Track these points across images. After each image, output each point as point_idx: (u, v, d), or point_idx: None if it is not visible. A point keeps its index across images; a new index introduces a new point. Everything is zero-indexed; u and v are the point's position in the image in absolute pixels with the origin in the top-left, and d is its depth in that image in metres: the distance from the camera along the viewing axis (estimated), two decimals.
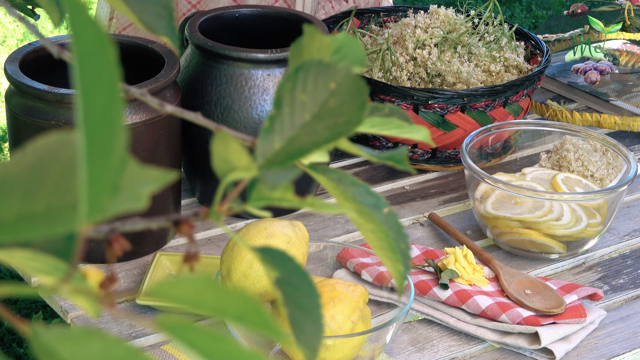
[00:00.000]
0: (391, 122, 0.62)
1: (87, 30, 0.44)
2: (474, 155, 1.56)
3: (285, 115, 0.56)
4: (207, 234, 1.50)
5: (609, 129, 1.82)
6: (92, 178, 0.44)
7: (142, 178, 0.49)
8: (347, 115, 0.55)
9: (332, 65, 0.56)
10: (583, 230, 1.44)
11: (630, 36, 2.12)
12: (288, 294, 0.54)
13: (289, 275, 0.55)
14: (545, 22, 2.18)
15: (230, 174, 0.55)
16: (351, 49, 0.63)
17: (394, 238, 0.60)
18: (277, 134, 0.55)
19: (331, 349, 1.17)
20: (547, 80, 1.98)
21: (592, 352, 1.30)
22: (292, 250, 1.24)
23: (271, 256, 0.55)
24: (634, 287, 1.43)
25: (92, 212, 0.45)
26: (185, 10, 1.83)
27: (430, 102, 1.61)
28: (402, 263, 0.60)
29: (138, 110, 1.35)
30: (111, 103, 0.44)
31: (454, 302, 1.33)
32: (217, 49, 1.47)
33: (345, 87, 0.56)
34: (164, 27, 0.58)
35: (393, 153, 0.60)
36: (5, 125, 3.11)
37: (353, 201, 0.59)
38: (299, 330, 0.53)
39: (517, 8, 4.93)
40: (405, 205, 1.60)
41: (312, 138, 0.55)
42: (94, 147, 0.44)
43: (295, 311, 0.54)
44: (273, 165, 0.54)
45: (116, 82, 0.44)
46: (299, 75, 0.56)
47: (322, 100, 0.56)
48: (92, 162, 0.44)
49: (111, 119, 0.44)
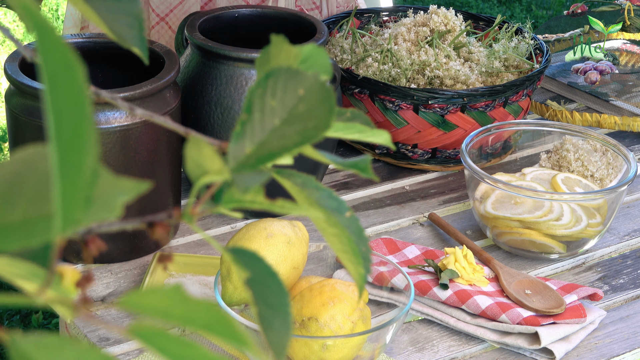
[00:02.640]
0: (353, 127, 0.64)
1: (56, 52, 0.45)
2: (474, 155, 1.56)
3: (255, 120, 0.57)
4: (207, 234, 1.50)
5: (609, 129, 1.82)
6: (65, 191, 0.46)
7: (116, 188, 0.51)
8: (316, 120, 0.57)
9: (301, 72, 0.58)
10: (583, 230, 1.44)
11: (630, 36, 2.12)
12: (258, 293, 0.56)
13: (260, 275, 0.56)
14: (545, 22, 2.18)
15: (203, 177, 0.56)
16: (318, 60, 0.65)
17: (356, 242, 0.61)
18: (248, 138, 0.57)
19: (331, 349, 1.17)
20: (547, 80, 1.98)
21: (592, 352, 1.30)
22: (291, 250, 1.24)
23: (242, 257, 0.57)
24: (634, 287, 1.43)
25: (66, 224, 0.46)
26: (154, 23, 1.84)
27: (430, 102, 1.61)
28: (363, 266, 0.62)
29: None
30: (81, 120, 0.46)
31: (454, 302, 1.33)
32: (216, 49, 1.47)
33: (313, 93, 0.58)
34: (134, 38, 0.60)
35: (357, 161, 0.62)
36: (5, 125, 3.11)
37: (317, 205, 0.61)
38: (268, 327, 0.55)
39: (517, 8, 4.93)
40: (405, 205, 1.60)
41: (281, 142, 0.57)
42: (66, 162, 0.45)
43: (265, 309, 0.56)
44: (244, 168, 0.56)
45: (85, 100, 0.46)
46: (269, 81, 0.58)
47: (291, 106, 0.58)
48: (65, 177, 0.45)
49: (81, 134, 0.46)
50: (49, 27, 0.45)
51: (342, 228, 0.61)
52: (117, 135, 1.34)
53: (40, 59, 0.46)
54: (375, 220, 1.56)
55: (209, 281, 1.37)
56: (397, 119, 1.63)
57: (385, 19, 1.89)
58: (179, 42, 1.62)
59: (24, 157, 0.51)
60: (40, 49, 0.46)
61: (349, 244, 0.61)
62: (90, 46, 1.50)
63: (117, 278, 1.39)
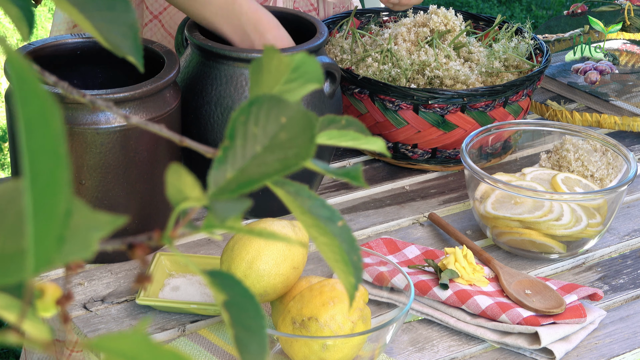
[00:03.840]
0: (347, 134, 0.65)
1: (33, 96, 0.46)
2: (474, 155, 1.56)
3: (237, 147, 0.58)
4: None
5: (609, 129, 1.82)
6: (37, 232, 0.47)
7: (92, 224, 0.52)
8: (297, 148, 0.58)
9: (284, 100, 0.59)
10: (583, 230, 1.44)
11: (630, 36, 2.12)
12: (235, 316, 0.57)
13: (237, 298, 0.57)
14: (545, 22, 2.18)
15: (183, 203, 0.58)
16: (308, 68, 0.65)
17: (347, 251, 0.62)
18: (230, 164, 0.58)
19: (331, 349, 1.17)
20: (547, 80, 1.98)
21: (592, 352, 1.30)
22: (291, 250, 1.24)
23: (220, 279, 0.58)
24: (634, 287, 1.43)
25: (38, 265, 0.47)
26: (147, 20, 1.84)
27: (430, 102, 1.61)
28: (353, 275, 0.62)
29: (138, 111, 1.35)
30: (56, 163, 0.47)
31: (454, 302, 1.33)
32: (217, 49, 1.47)
33: (295, 121, 0.58)
34: (129, 47, 0.61)
35: (349, 169, 0.62)
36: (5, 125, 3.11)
37: (309, 214, 0.62)
38: (244, 350, 0.56)
39: (517, 8, 4.93)
40: (405, 205, 1.60)
41: (262, 169, 0.58)
42: (39, 203, 0.46)
43: (241, 332, 0.57)
44: (224, 194, 0.57)
45: (61, 142, 0.46)
46: (252, 108, 0.58)
47: (273, 133, 0.58)
48: (38, 218, 0.46)
49: (56, 177, 0.47)
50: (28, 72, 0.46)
51: (333, 237, 0.62)
52: (117, 135, 1.34)
53: (18, 102, 0.46)
54: (375, 220, 1.56)
55: None
56: (397, 119, 1.63)
57: (385, 19, 1.89)
58: (179, 42, 1.62)
59: (3, 190, 0.51)
60: (18, 93, 0.46)
61: (339, 253, 0.62)
62: (90, 46, 1.50)
63: (117, 278, 1.39)
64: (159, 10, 1.83)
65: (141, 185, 1.37)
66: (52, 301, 0.54)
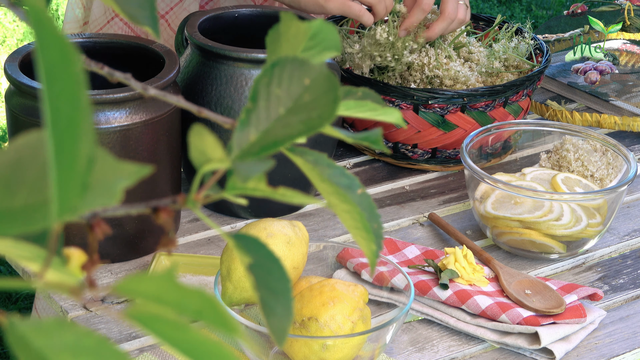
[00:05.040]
0: (365, 105, 0.65)
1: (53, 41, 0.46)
2: (474, 155, 1.56)
3: (261, 109, 0.58)
4: (207, 234, 1.50)
5: (609, 129, 1.82)
6: (60, 179, 0.46)
7: (117, 173, 0.51)
8: (320, 109, 0.58)
9: (307, 61, 0.59)
10: (583, 230, 1.44)
11: (630, 36, 2.12)
12: (260, 278, 0.56)
13: (262, 261, 0.57)
14: (545, 22, 2.18)
15: (206, 165, 0.57)
16: (327, 36, 0.65)
17: (368, 218, 0.62)
18: (253, 126, 0.58)
19: (331, 349, 1.17)
20: (547, 80, 1.98)
21: (592, 352, 1.30)
22: (292, 250, 1.24)
23: (244, 242, 0.58)
24: (634, 287, 1.43)
25: (62, 211, 0.47)
26: None
27: (430, 102, 1.61)
28: (375, 242, 0.62)
29: (138, 110, 1.35)
30: (77, 108, 0.46)
31: (454, 302, 1.33)
32: (217, 49, 1.47)
33: (318, 83, 0.58)
34: (146, 17, 0.60)
35: (368, 134, 0.62)
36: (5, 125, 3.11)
37: (329, 182, 0.61)
38: (270, 312, 0.56)
39: (517, 8, 4.93)
40: (405, 205, 1.60)
41: (286, 131, 0.57)
42: (61, 149, 0.46)
43: (267, 295, 0.56)
44: (248, 156, 0.57)
45: (81, 88, 0.46)
46: (275, 70, 0.58)
47: (297, 95, 0.58)
48: (60, 164, 0.46)
49: (77, 122, 0.46)
50: (47, 20, 0.46)
51: (353, 204, 0.61)
52: (117, 135, 1.34)
53: (38, 48, 0.46)
54: None
55: (209, 281, 1.37)
56: None
57: (385, 18, 1.89)
58: (179, 42, 1.62)
59: (26, 142, 0.51)
60: (38, 39, 0.46)
61: (360, 220, 0.62)
62: (90, 46, 1.50)
63: (117, 278, 1.39)
64: (166, 10, 1.83)
65: (141, 185, 1.37)
66: (78, 266, 0.53)
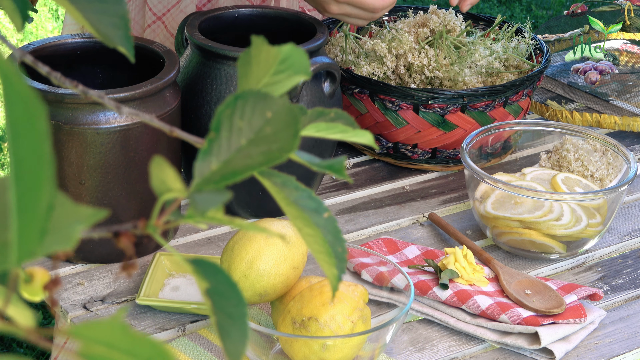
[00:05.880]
0: (336, 127, 0.66)
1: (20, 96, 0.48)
2: (474, 155, 1.56)
3: (223, 139, 0.60)
4: (207, 234, 1.50)
5: (609, 129, 1.82)
6: (21, 225, 0.49)
7: (75, 217, 0.54)
8: (281, 142, 0.59)
9: (270, 95, 0.60)
10: (583, 230, 1.44)
11: (630, 36, 2.12)
12: (217, 303, 0.58)
13: (219, 286, 0.59)
14: (545, 22, 2.18)
15: (166, 194, 0.59)
16: (296, 60, 0.67)
17: (331, 243, 0.63)
18: (215, 156, 0.59)
19: (331, 349, 1.17)
20: (547, 80, 1.98)
21: (592, 352, 1.30)
22: (291, 250, 1.24)
23: (202, 268, 0.59)
24: (634, 287, 1.43)
25: (21, 256, 0.50)
26: (150, 22, 1.84)
27: (430, 102, 1.61)
28: (337, 267, 0.64)
29: (138, 111, 1.35)
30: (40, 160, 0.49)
31: (454, 302, 1.33)
32: (216, 49, 1.47)
33: (280, 116, 0.60)
34: (120, 37, 0.63)
35: (332, 162, 0.64)
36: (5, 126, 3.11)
37: (294, 206, 0.63)
38: (226, 336, 0.58)
39: (517, 8, 4.93)
40: (405, 205, 1.60)
41: (246, 161, 0.59)
42: (23, 197, 0.49)
43: (223, 319, 0.58)
44: (209, 184, 0.59)
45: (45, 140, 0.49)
46: (238, 102, 0.60)
47: (258, 127, 0.60)
48: (22, 211, 0.49)
49: (39, 173, 0.49)
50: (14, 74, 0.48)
51: (316, 229, 0.63)
52: (117, 135, 1.34)
53: (6, 102, 0.48)
54: (375, 220, 1.56)
55: None
56: (397, 119, 1.63)
57: (385, 18, 1.89)
58: (179, 42, 1.62)
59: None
60: (5, 94, 0.48)
61: (323, 245, 0.63)
62: (90, 46, 1.50)
63: (117, 278, 1.39)
64: (163, 11, 1.83)
65: (141, 185, 1.37)
66: (40, 286, 0.56)
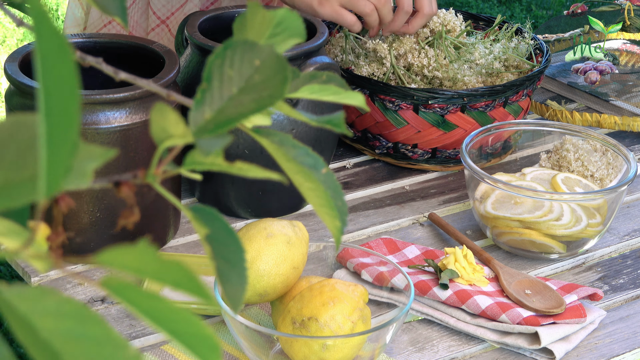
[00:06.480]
0: (329, 89, 0.68)
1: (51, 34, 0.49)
2: (474, 155, 1.56)
3: (214, 89, 0.61)
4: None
5: (609, 129, 1.82)
6: (50, 161, 0.50)
7: (87, 155, 0.55)
8: (271, 89, 0.61)
9: (257, 44, 0.62)
10: (583, 230, 1.44)
11: (630, 36, 2.12)
12: (217, 249, 0.60)
13: (218, 232, 0.60)
14: (545, 22, 2.18)
15: (167, 140, 0.60)
16: (291, 23, 0.69)
17: (332, 196, 0.65)
18: (208, 105, 0.61)
19: (331, 349, 1.17)
20: (547, 80, 1.98)
21: (592, 352, 1.30)
22: (291, 250, 1.24)
23: (201, 214, 0.61)
24: (634, 287, 1.43)
25: (49, 190, 0.51)
26: (154, 25, 1.84)
27: (430, 102, 1.61)
28: (339, 219, 0.65)
29: (138, 110, 1.35)
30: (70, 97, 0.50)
31: (454, 302, 1.33)
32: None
33: (268, 64, 0.61)
34: (116, 7, 0.64)
35: (331, 117, 0.65)
36: None
37: (294, 162, 0.64)
38: (225, 281, 0.59)
39: (517, 8, 4.93)
40: (405, 205, 1.60)
41: (238, 109, 0.61)
42: (53, 135, 0.50)
43: (223, 264, 0.59)
44: (204, 133, 0.60)
45: (74, 78, 0.50)
46: (227, 52, 0.62)
47: (248, 76, 0.62)
48: (51, 148, 0.50)
49: (69, 111, 0.50)
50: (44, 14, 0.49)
51: (318, 183, 0.64)
52: (117, 135, 1.34)
53: (35, 40, 0.49)
54: (375, 220, 1.56)
55: (209, 281, 1.37)
56: (397, 119, 1.63)
57: None
58: (179, 42, 1.62)
59: (4, 127, 0.54)
60: (37, 32, 0.49)
61: (325, 197, 0.64)
62: (90, 46, 1.50)
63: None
64: (167, 15, 1.83)
65: (141, 185, 1.37)
66: (43, 238, 0.57)
